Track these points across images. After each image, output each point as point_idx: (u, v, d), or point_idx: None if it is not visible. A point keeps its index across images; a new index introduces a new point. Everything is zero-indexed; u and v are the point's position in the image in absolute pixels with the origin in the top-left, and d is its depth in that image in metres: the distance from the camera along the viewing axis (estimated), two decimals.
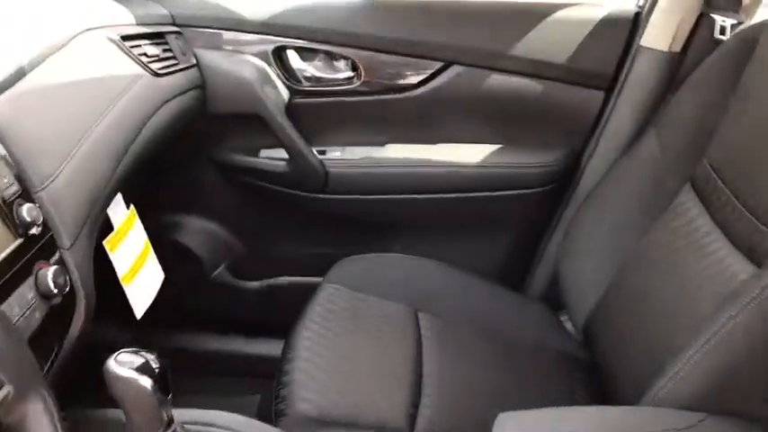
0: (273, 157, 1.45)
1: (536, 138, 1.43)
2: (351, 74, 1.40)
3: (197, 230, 1.56)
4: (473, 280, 1.39)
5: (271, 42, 1.38)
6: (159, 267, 1.19)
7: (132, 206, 1.12)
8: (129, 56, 1.18)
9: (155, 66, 1.24)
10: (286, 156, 1.42)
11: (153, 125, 1.16)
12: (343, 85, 1.41)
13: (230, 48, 1.38)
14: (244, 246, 1.60)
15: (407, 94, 1.39)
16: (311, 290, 1.28)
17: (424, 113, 1.42)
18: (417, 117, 1.43)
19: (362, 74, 1.38)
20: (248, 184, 1.49)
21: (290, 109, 1.41)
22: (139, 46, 1.24)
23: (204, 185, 1.52)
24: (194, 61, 1.35)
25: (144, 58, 1.22)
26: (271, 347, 1.55)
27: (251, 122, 1.40)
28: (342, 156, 1.46)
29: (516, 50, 1.35)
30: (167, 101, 1.24)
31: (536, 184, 1.43)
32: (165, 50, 1.29)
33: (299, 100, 1.42)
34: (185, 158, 1.48)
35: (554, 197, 1.47)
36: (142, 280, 1.10)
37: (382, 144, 1.46)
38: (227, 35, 1.38)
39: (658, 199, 1.10)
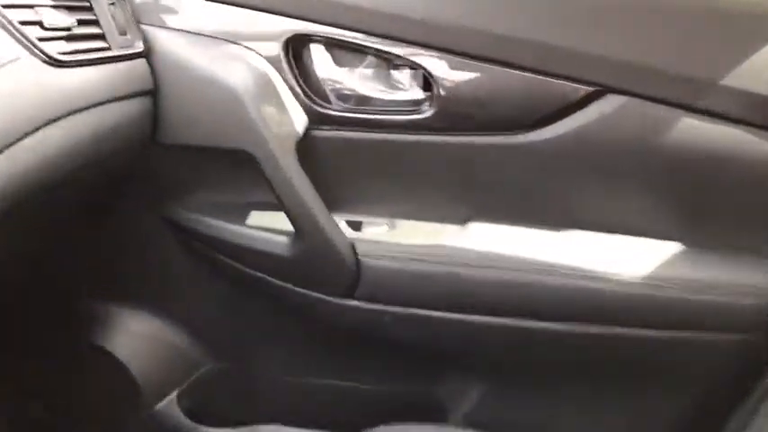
0: (268, 227, 0.90)
1: (746, 241, 0.85)
2: (420, 95, 0.85)
3: (134, 333, 1.03)
4: None
5: (283, 28, 0.83)
6: None
7: None
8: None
9: (53, 46, 0.72)
10: (290, 227, 0.88)
11: (34, 154, 0.65)
12: (405, 112, 0.85)
13: (209, 32, 0.84)
14: (211, 366, 1.06)
15: (518, 138, 0.83)
16: None
17: (546, 175, 0.85)
18: (532, 180, 0.87)
19: (440, 95, 0.82)
20: (224, 267, 0.96)
21: (306, 147, 0.86)
22: (30, 7, 0.72)
23: (151, 261, 0.99)
24: (141, 48, 0.82)
25: (33, 31, 0.71)
26: None
27: (235, 166, 0.87)
28: (388, 236, 0.90)
29: (732, 79, 0.77)
30: (73, 112, 0.72)
31: (736, 326, 0.85)
32: (83, 22, 0.76)
33: (321, 132, 0.87)
34: (124, 215, 0.96)
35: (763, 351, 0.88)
36: None
37: (462, 222, 0.89)
38: (206, 9, 0.84)
39: None
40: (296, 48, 0.85)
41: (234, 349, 1.05)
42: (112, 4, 0.79)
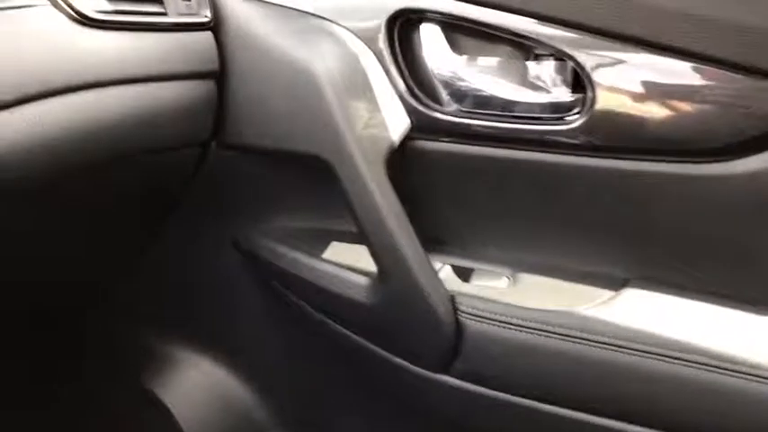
0: (347, 265, 0.71)
1: None
2: (567, 98, 0.61)
3: (189, 380, 0.87)
4: None
5: (388, 2, 0.64)
6: None
7: None
8: None
9: (88, 2, 0.59)
10: (373, 267, 0.68)
11: (43, 125, 0.53)
12: (545, 121, 0.62)
13: (295, 4, 0.68)
14: (279, 424, 0.87)
15: (713, 167, 0.57)
16: None
17: (755, 223, 0.57)
18: (731, 230, 0.59)
19: (597, 100, 0.58)
20: (298, 309, 0.77)
21: (402, 161, 0.66)
22: None
23: (213, 294, 0.83)
24: (207, 17, 0.67)
25: None
26: None
27: (315, 179, 0.69)
28: (505, 294, 0.66)
29: None
30: (104, 84, 0.59)
31: None
32: None
33: (425, 143, 0.66)
34: (180, 233, 0.82)
35: None
36: None
37: (614, 284, 0.64)
38: None
39: None
40: (402, 28, 0.65)
41: (305, 415, 0.85)
42: None
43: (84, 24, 0.57)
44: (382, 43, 0.65)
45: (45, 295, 0.77)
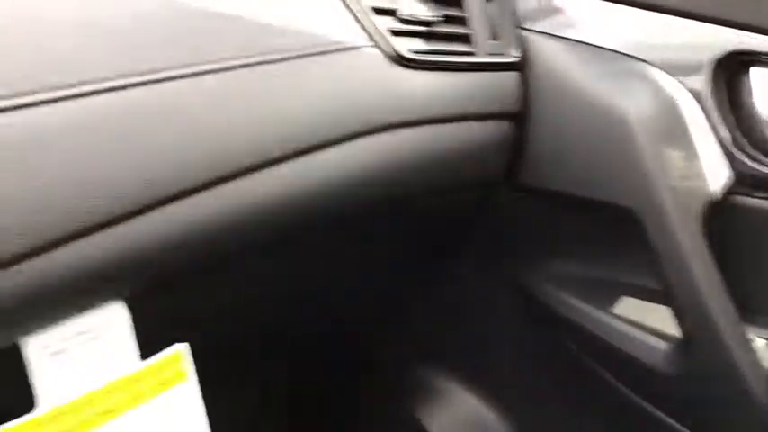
0: (641, 324, 0.65)
1: None
2: None
3: (454, 416, 0.85)
4: None
5: (715, 43, 0.58)
6: None
7: (181, 350, 0.48)
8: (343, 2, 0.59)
9: (404, 42, 0.61)
10: (673, 331, 0.62)
11: (346, 167, 0.55)
12: None
13: (608, 44, 0.63)
14: None
15: None
16: None
17: None
18: None
19: None
20: (577, 362, 0.73)
21: (722, 217, 0.59)
22: None
23: (487, 330, 0.82)
24: (515, 57, 0.66)
25: (385, 21, 0.61)
26: None
27: (610, 228, 0.65)
28: None
29: None
30: (411, 124, 0.60)
31: None
32: (445, 19, 0.63)
33: (751, 200, 0.59)
34: (461, 269, 0.81)
35: None
36: None
37: None
38: (612, 15, 0.64)
39: None
40: (730, 71, 0.59)
41: None
42: (490, 0, 0.66)
43: (400, 64, 0.59)
44: (704, 87, 0.59)
45: (322, 331, 0.82)
